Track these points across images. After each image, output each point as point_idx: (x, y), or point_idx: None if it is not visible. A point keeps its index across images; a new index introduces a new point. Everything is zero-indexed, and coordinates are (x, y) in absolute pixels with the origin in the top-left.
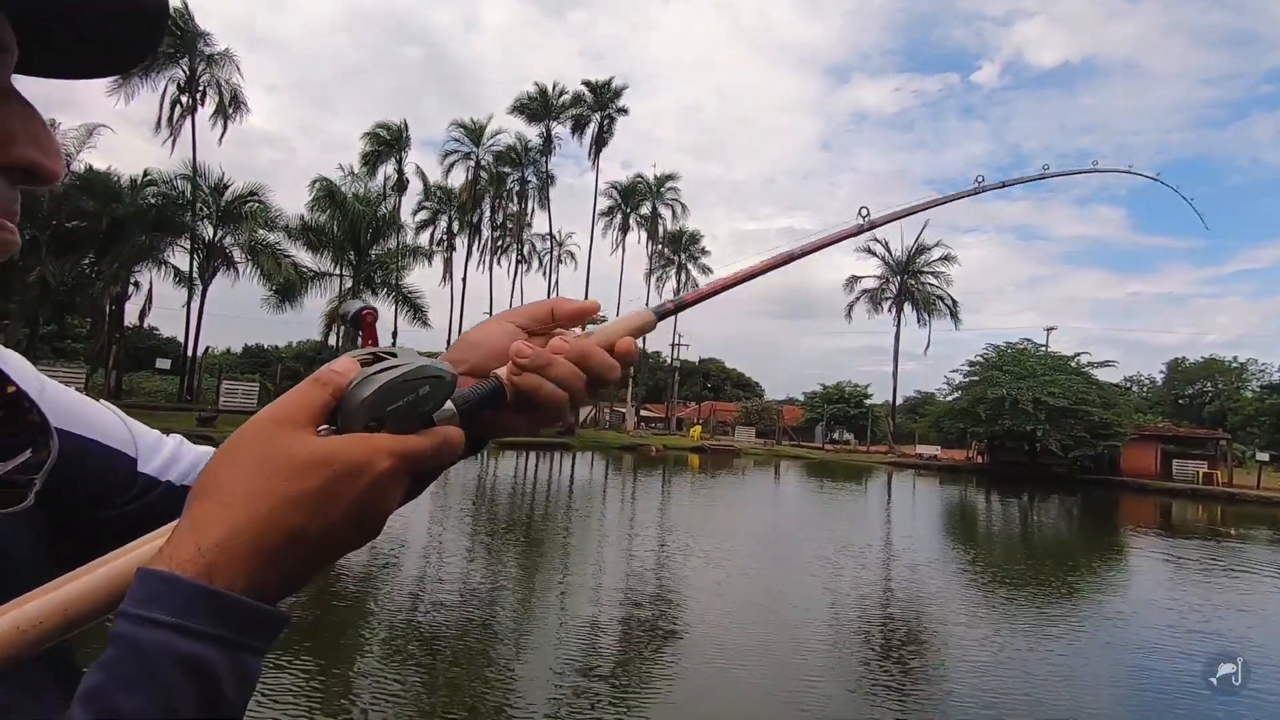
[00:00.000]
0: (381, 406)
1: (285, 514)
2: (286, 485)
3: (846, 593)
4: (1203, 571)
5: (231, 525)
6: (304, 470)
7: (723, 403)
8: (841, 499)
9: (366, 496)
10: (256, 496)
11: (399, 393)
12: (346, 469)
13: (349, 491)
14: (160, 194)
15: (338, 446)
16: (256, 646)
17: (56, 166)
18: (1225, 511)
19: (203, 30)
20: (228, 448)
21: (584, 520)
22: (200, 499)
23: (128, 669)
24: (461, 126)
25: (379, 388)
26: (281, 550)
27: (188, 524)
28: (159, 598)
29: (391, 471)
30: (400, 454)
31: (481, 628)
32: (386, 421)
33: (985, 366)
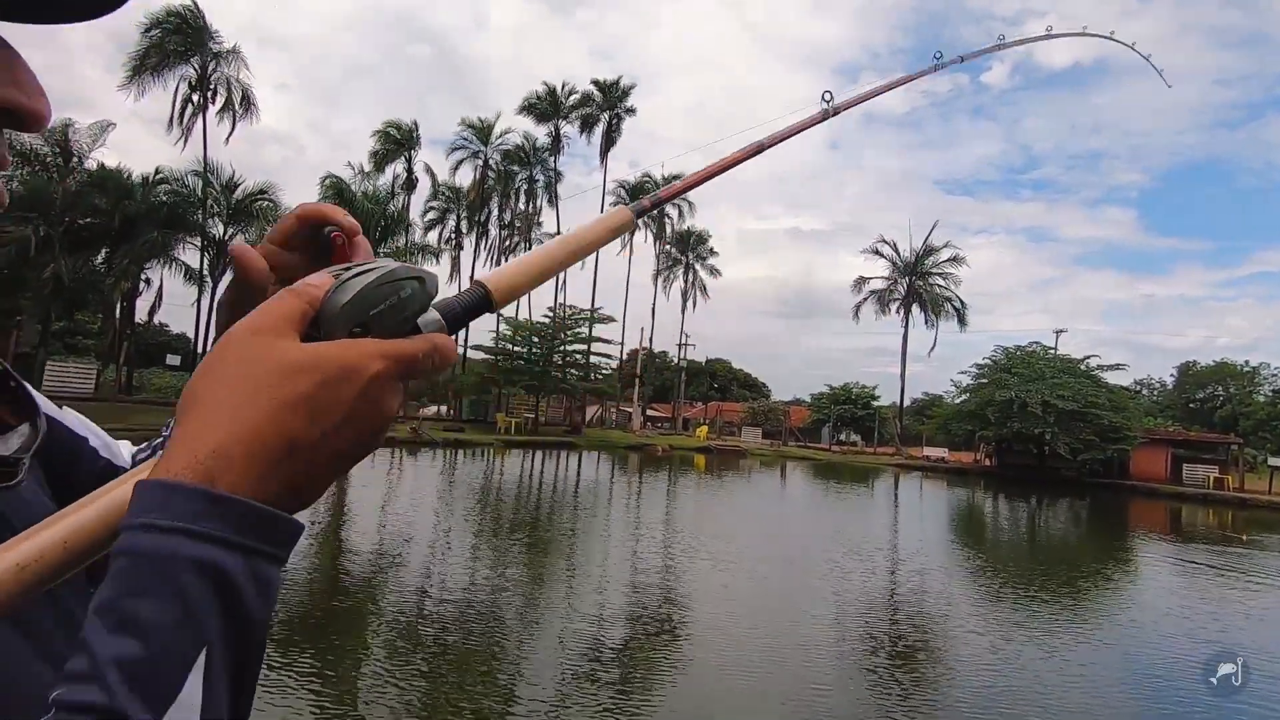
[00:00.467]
0: (364, 310)
1: (279, 418)
2: (276, 390)
3: (854, 598)
4: (1214, 578)
5: (226, 432)
6: (293, 374)
7: (729, 403)
8: (848, 501)
9: (362, 400)
10: (247, 403)
11: (380, 295)
12: (338, 371)
13: (343, 395)
14: (172, 192)
15: (325, 349)
16: (271, 553)
17: (39, 106)
18: (1236, 517)
19: (213, 28)
20: (207, 363)
21: (589, 521)
22: (186, 414)
23: (138, 576)
24: (469, 126)
25: (359, 291)
26: (280, 456)
27: (177, 438)
28: (161, 505)
29: (384, 374)
30: (392, 356)
31: (486, 629)
32: (371, 326)
33: (994, 369)
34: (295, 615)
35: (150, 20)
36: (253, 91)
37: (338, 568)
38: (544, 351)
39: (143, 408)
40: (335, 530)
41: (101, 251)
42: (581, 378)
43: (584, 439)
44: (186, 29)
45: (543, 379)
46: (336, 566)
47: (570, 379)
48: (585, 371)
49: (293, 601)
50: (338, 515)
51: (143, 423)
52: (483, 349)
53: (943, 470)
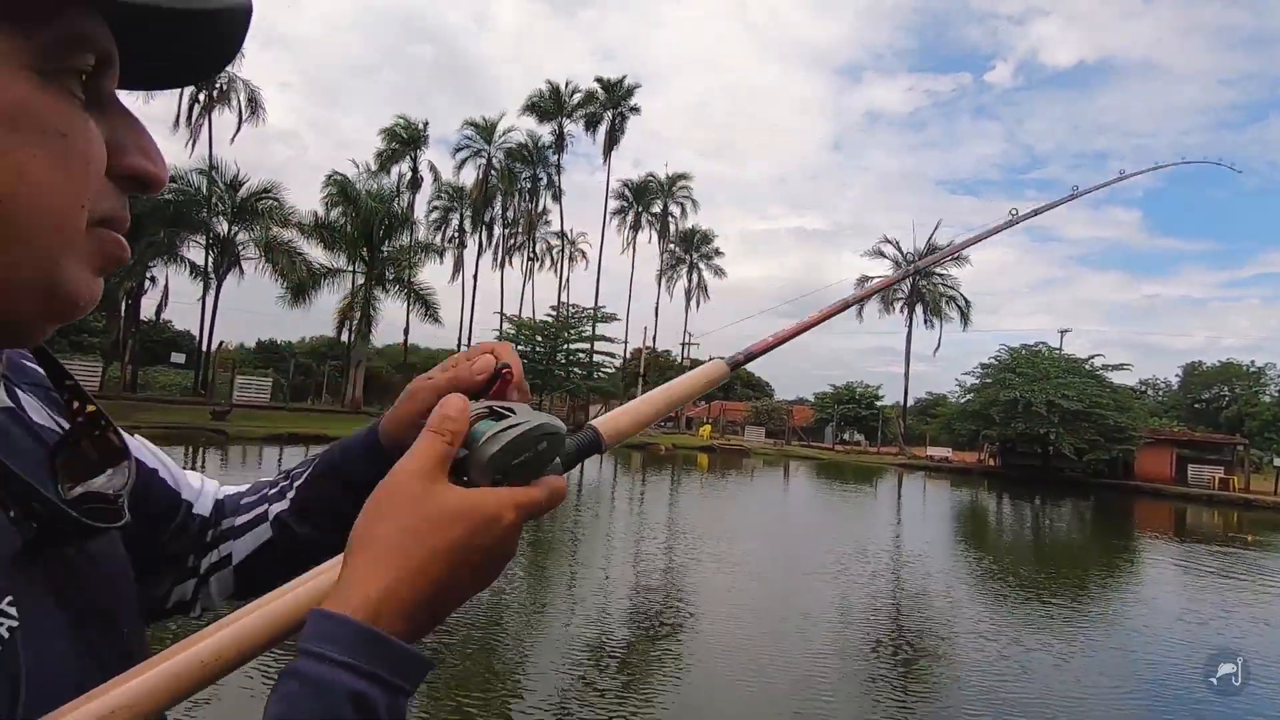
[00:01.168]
0: (508, 462)
1: (435, 564)
2: (435, 538)
3: (859, 600)
4: (1221, 581)
5: (393, 575)
6: (449, 522)
7: (732, 402)
8: (852, 501)
9: (496, 545)
10: (410, 548)
11: (521, 448)
12: (483, 520)
13: (483, 542)
14: (178, 190)
15: (474, 499)
16: (408, 689)
17: (163, 173)
18: (1242, 518)
19: None
20: (376, 502)
21: (591, 521)
22: (360, 552)
23: (308, 702)
24: (473, 125)
25: (505, 444)
26: (430, 597)
27: (351, 573)
28: (334, 638)
29: (516, 522)
30: (524, 505)
31: (486, 630)
32: (509, 475)
33: (998, 368)
34: None
35: None
36: (260, 92)
37: None
38: (547, 350)
39: (146, 405)
40: None
41: None
42: (585, 377)
43: None
44: None
45: (546, 378)
46: None
47: (574, 378)
48: (589, 370)
49: None
50: None
51: (147, 420)
52: None
53: (946, 470)
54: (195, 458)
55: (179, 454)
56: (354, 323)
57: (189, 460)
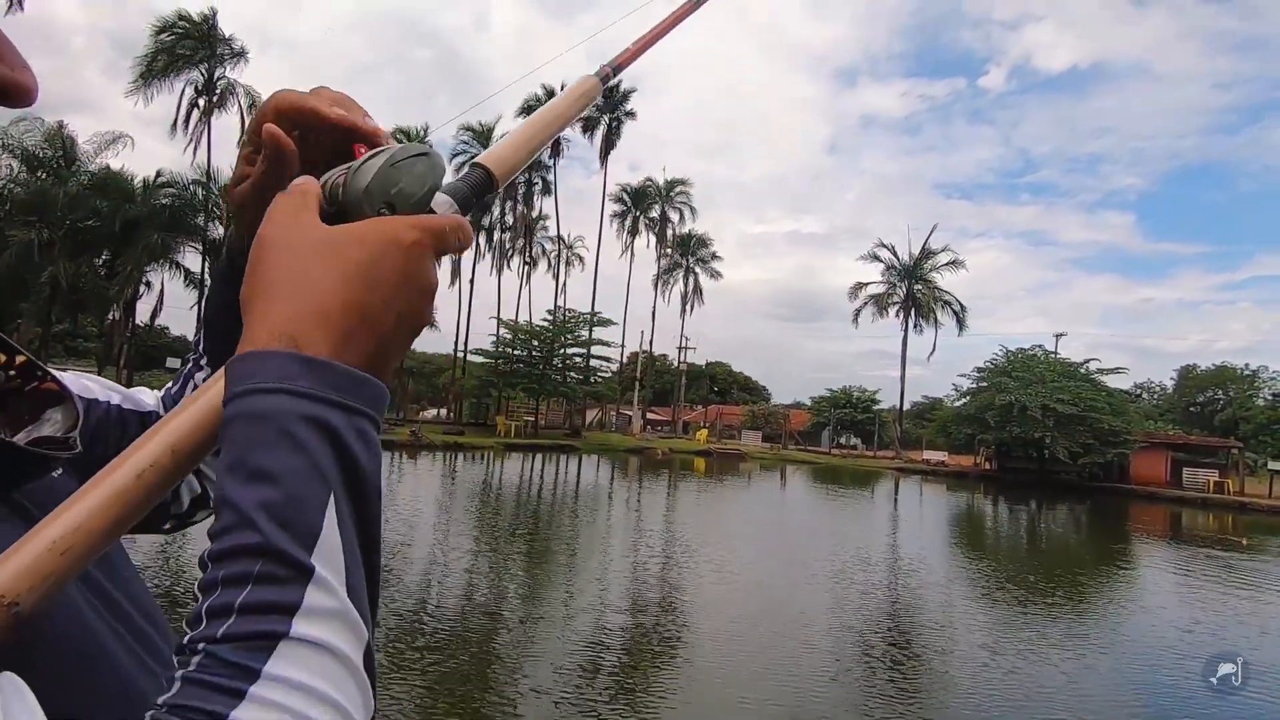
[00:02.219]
0: (385, 190)
1: (343, 288)
2: (334, 263)
3: (856, 606)
4: (1217, 585)
5: (299, 302)
6: (343, 248)
7: (729, 406)
8: (849, 506)
9: (408, 268)
10: (310, 277)
11: (395, 175)
12: (382, 242)
13: (391, 262)
14: (173, 195)
15: (363, 225)
16: (367, 412)
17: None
18: (1237, 521)
19: (225, 35)
20: (255, 255)
21: (589, 526)
22: (252, 299)
23: (257, 432)
24: (469, 129)
25: (376, 173)
26: (352, 323)
27: (252, 319)
28: (256, 372)
29: (421, 243)
30: (423, 227)
31: (485, 636)
32: (394, 206)
33: (994, 372)
34: None
35: (161, 23)
36: (259, 94)
37: None
38: (544, 355)
39: None
40: None
41: (103, 254)
42: (581, 381)
43: (584, 442)
44: (199, 34)
45: (542, 382)
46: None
47: (570, 382)
48: (585, 375)
49: None
50: None
51: None
52: (483, 353)
53: (943, 474)
54: None
55: None
56: None
57: None
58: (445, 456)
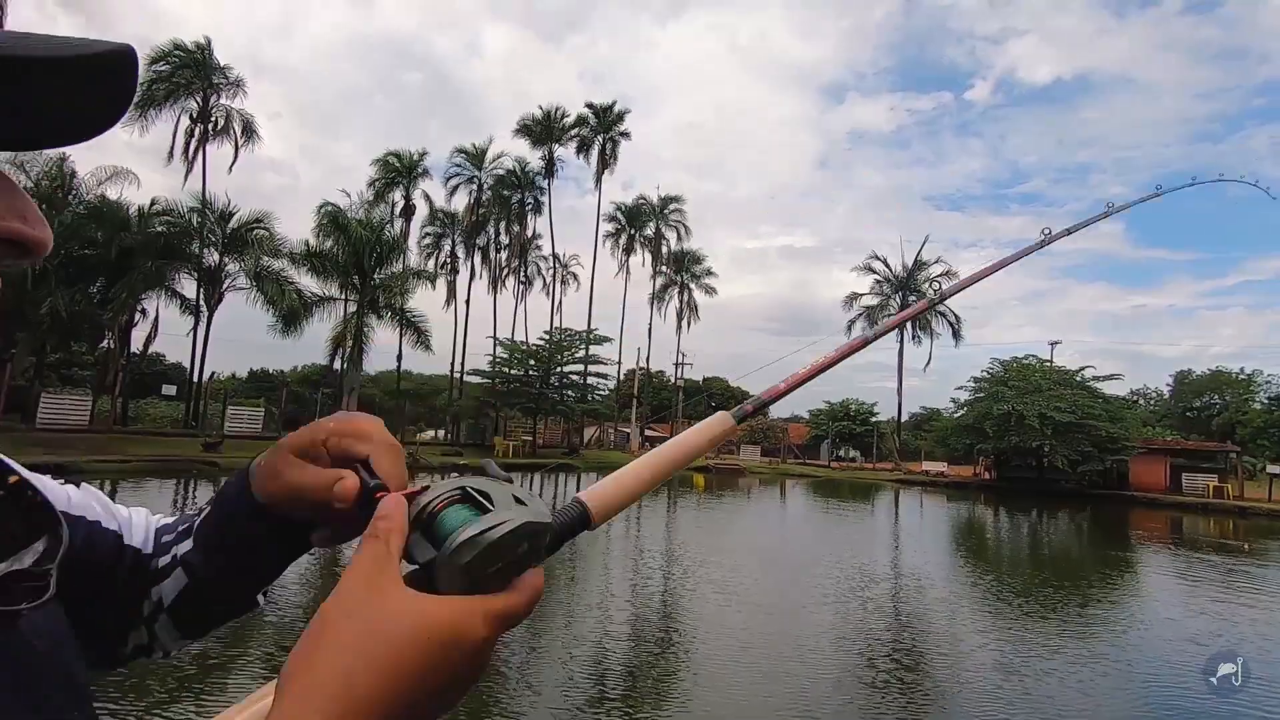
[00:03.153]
0: (484, 570)
1: (387, 694)
2: (386, 660)
3: (859, 621)
4: (1221, 590)
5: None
6: (405, 641)
7: None
8: (850, 520)
9: (464, 666)
10: (355, 675)
11: (502, 553)
12: (450, 638)
13: (449, 663)
14: (169, 222)
15: (438, 611)
16: None
17: (41, 234)
18: (1238, 526)
19: (220, 64)
20: (313, 625)
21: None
22: (293, 684)
23: None
24: (463, 152)
25: (484, 549)
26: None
27: (292, 694)
28: None
29: (490, 638)
30: (499, 616)
31: None
32: (481, 585)
33: (991, 382)
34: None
35: (155, 53)
36: (255, 121)
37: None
38: (540, 374)
39: (138, 438)
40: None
41: (98, 282)
42: (579, 399)
43: (582, 460)
44: (194, 63)
45: (539, 401)
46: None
47: (567, 401)
48: (582, 393)
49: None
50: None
51: (136, 453)
52: (479, 373)
53: (943, 485)
54: (187, 490)
55: (170, 487)
56: (346, 350)
57: (181, 494)
58: (443, 478)
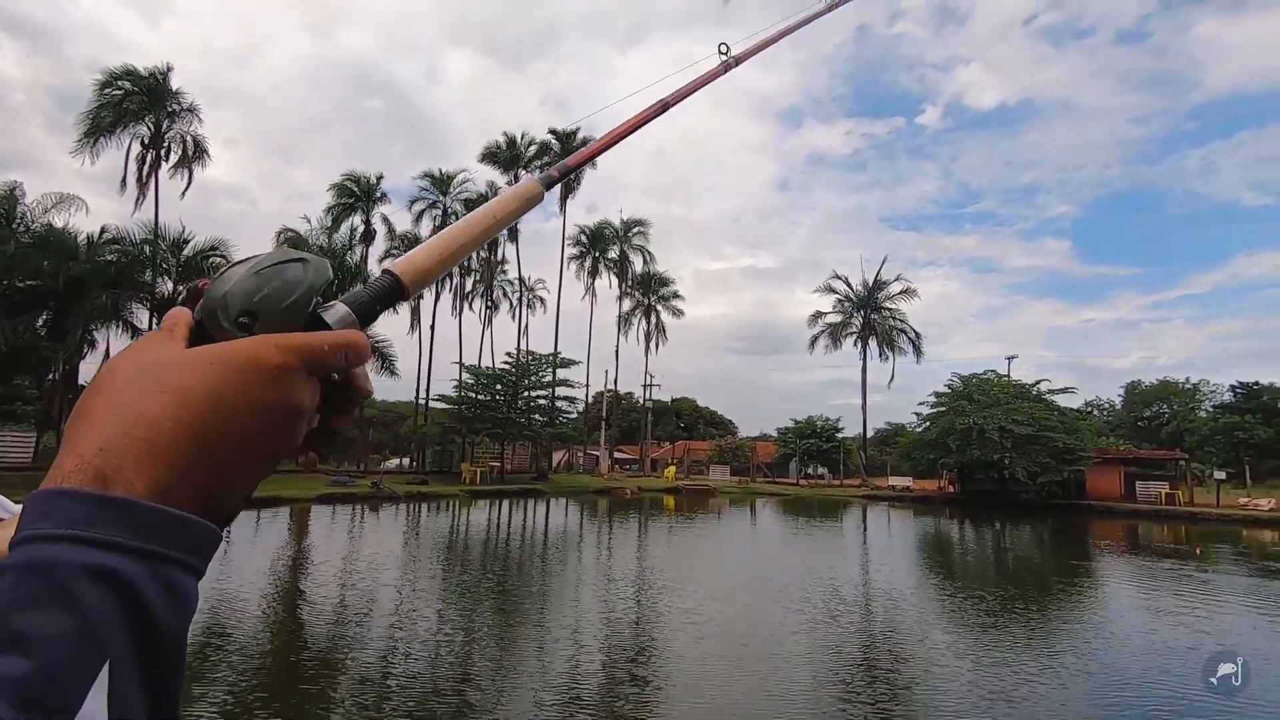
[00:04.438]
0: (247, 297)
1: (178, 410)
2: (172, 383)
3: (835, 646)
4: (1175, 595)
5: (114, 426)
6: (188, 368)
7: (696, 441)
8: (820, 538)
9: (266, 394)
10: (139, 398)
11: (260, 280)
12: (237, 362)
13: (247, 386)
14: (119, 251)
15: (218, 345)
16: (181, 559)
17: None
18: (1189, 531)
19: (175, 90)
20: (99, 372)
21: (559, 575)
22: (72, 424)
23: (23, 588)
24: (429, 176)
25: (237, 279)
26: (182, 456)
27: (64, 448)
28: (47, 514)
29: (284, 365)
30: (291, 347)
31: (455, 690)
32: (258, 315)
33: (952, 397)
34: (251, 682)
35: (105, 77)
36: (206, 142)
37: (295, 634)
38: (507, 398)
39: None
40: (291, 594)
41: (44, 314)
42: (547, 423)
43: (551, 485)
44: (145, 88)
45: (507, 426)
46: (294, 632)
47: (535, 425)
48: (550, 416)
49: (247, 668)
50: (295, 577)
51: None
52: (445, 398)
53: (909, 499)
54: None
55: None
56: None
57: None
58: (409, 508)
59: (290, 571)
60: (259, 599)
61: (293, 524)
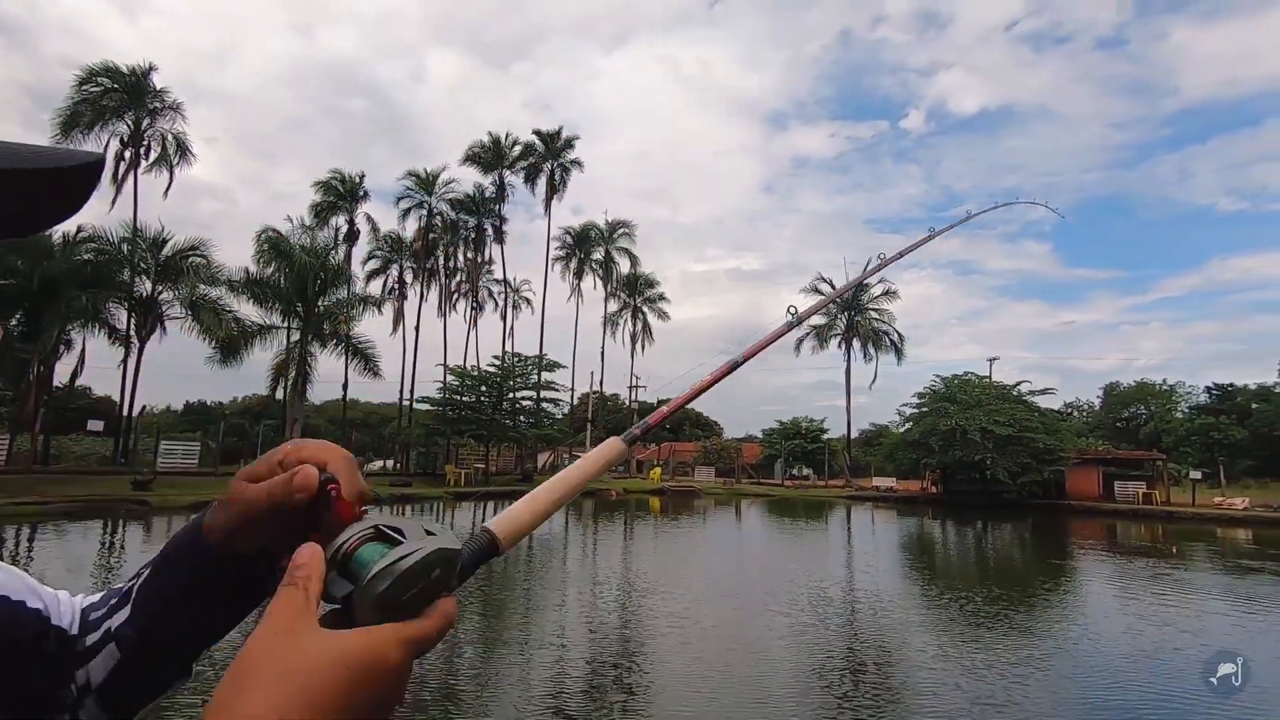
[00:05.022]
0: (398, 597)
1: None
2: (309, 694)
3: (822, 649)
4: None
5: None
6: (325, 673)
7: (682, 443)
8: (804, 538)
9: (383, 691)
10: (283, 705)
11: (414, 580)
12: (367, 665)
13: (368, 689)
14: (96, 250)
15: (354, 642)
16: None
17: None
18: (1166, 530)
19: (157, 87)
20: (232, 673)
21: (542, 579)
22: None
23: None
24: (413, 175)
25: (396, 579)
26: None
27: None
28: None
29: (405, 662)
30: (413, 642)
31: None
32: (399, 610)
33: (934, 398)
34: None
35: (85, 74)
36: (189, 141)
37: None
38: (493, 400)
39: (59, 478)
40: None
41: (18, 314)
42: (532, 425)
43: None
44: (126, 85)
45: (492, 428)
46: None
47: (520, 426)
48: (536, 418)
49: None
50: None
51: (59, 493)
52: (430, 400)
53: (892, 500)
54: (115, 532)
55: (95, 530)
56: (289, 379)
57: (109, 535)
58: (392, 510)
59: None
60: None
61: None
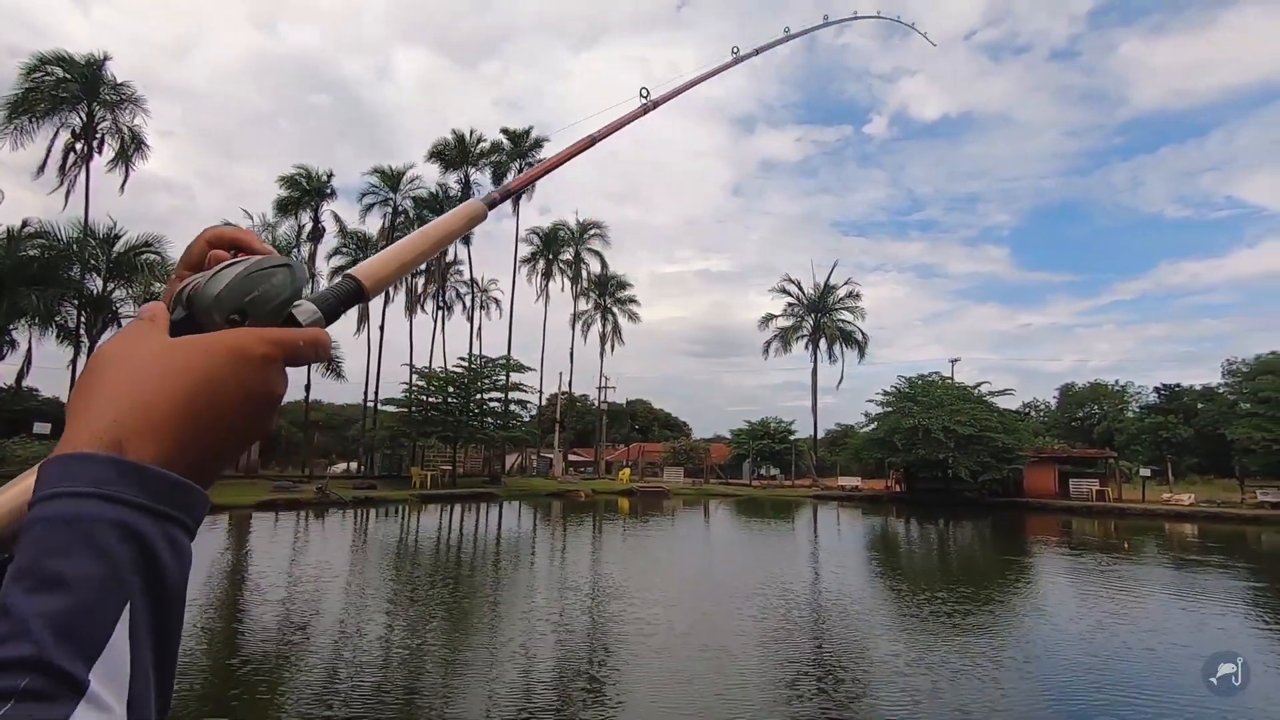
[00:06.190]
0: (239, 298)
1: (179, 391)
2: (171, 370)
3: (790, 645)
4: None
5: (127, 402)
6: (185, 356)
7: (651, 443)
8: (772, 538)
9: (252, 380)
10: (142, 383)
11: (251, 284)
12: (228, 352)
13: (235, 373)
14: (44, 246)
15: (212, 336)
16: (182, 520)
17: None
18: (1118, 526)
19: (116, 80)
20: (90, 365)
21: (511, 582)
22: (78, 402)
23: (57, 537)
24: (379, 172)
25: (229, 282)
26: (183, 427)
27: (74, 421)
28: (71, 475)
29: (270, 356)
30: (274, 341)
31: (402, 702)
32: (247, 314)
33: (899, 397)
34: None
35: (34, 62)
36: (145, 134)
37: (232, 650)
38: (460, 401)
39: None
40: (229, 607)
41: None
42: (500, 426)
43: (504, 489)
44: (79, 75)
45: (458, 429)
46: (230, 648)
47: (488, 428)
48: (503, 419)
49: (179, 686)
50: (233, 589)
51: None
52: (395, 401)
53: (858, 499)
54: None
55: None
56: None
57: None
58: (356, 514)
59: (228, 583)
60: (192, 611)
61: (232, 532)
